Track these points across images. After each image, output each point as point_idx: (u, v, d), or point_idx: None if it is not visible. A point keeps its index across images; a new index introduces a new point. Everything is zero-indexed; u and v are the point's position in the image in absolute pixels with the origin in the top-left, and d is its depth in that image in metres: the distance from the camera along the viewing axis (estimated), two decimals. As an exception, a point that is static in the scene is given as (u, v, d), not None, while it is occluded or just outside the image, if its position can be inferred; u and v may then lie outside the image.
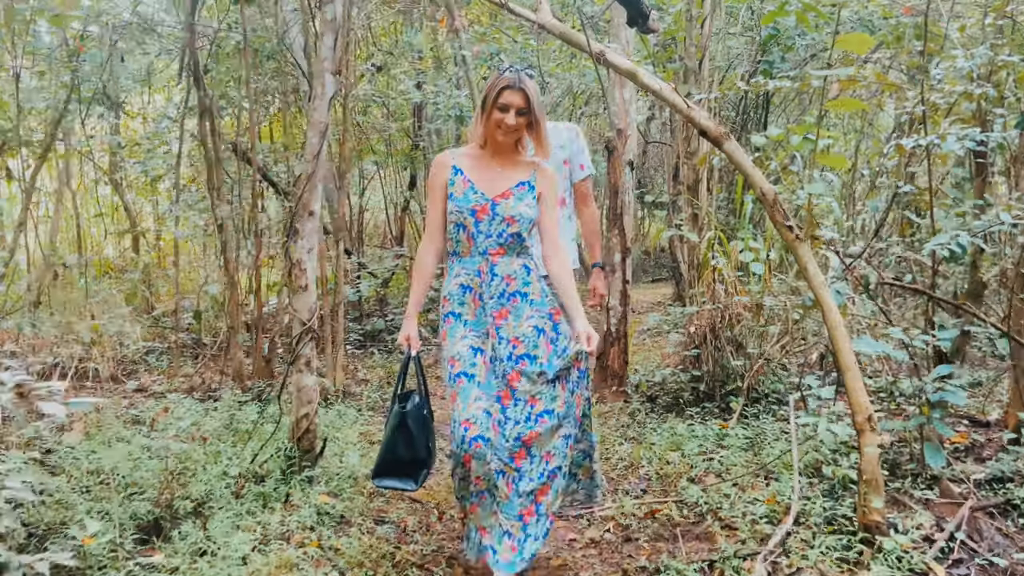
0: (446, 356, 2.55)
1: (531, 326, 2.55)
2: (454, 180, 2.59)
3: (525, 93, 2.47)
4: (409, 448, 2.50)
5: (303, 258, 3.39)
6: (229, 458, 3.39)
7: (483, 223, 2.55)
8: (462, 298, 2.58)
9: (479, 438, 2.38)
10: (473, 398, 2.44)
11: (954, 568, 2.50)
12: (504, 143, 2.57)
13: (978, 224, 3.38)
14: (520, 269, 2.59)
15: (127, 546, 2.59)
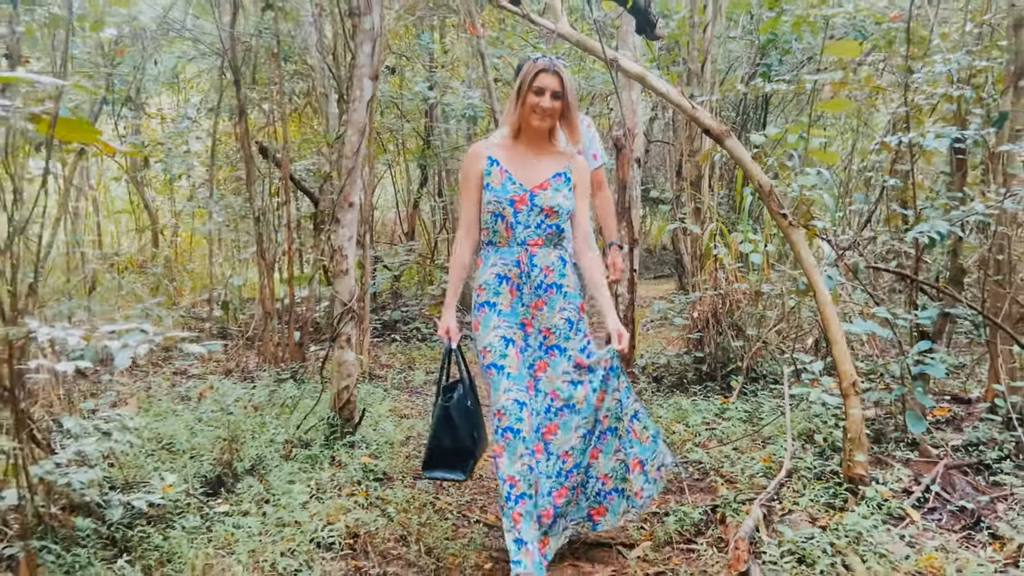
0: (479, 346, 2.57)
1: (563, 318, 2.57)
2: (490, 171, 2.58)
3: (560, 76, 2.49)
4: (454, 439, 2.51)
5: (344, 245, 3.74)
6: (274, 428, 3.74)
7: (521, 213, 2.54)
8: (498, 288, 2.56)
9: (508, 429, 2.39)
10: (503, 389, 2.44)
11: (928, 514, 2.84)
12: (538, 132, 2.57)
13: (956, 214, 3.73)
14: (557, 260, 2.59)
15: (198, 496, 2.94)
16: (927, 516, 2.83)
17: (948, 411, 4.11)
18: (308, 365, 5.10)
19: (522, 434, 2.39)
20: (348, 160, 3.74)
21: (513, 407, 2.41)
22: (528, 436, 2.41)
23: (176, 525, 2.65)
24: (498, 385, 2.45)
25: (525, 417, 2.41)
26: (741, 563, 2.33)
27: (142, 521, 2.65)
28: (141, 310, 6.11)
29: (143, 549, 2.50)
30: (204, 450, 3.44)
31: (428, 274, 8.68)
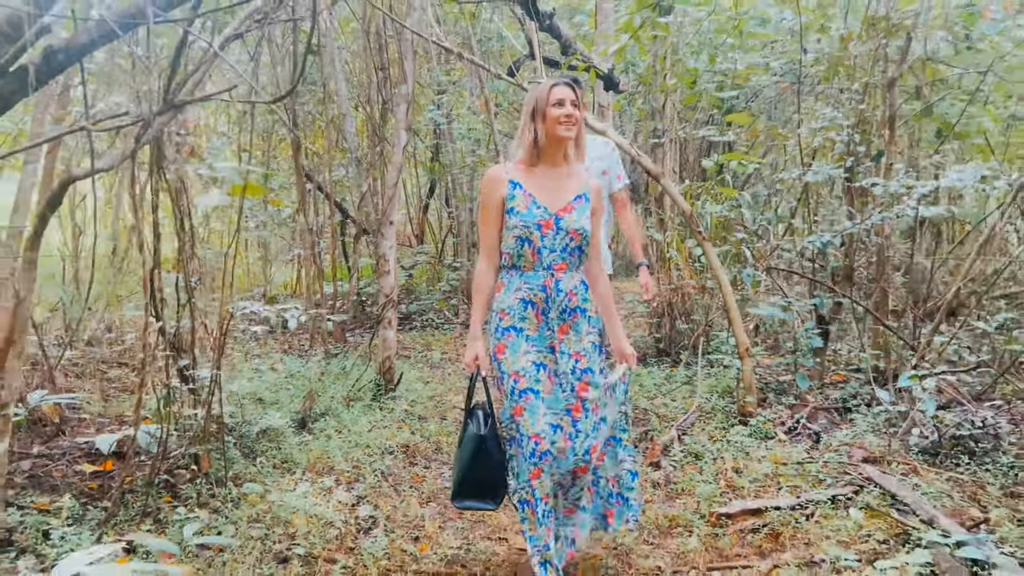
0: (507, 371, 2.53)
1: (590, 342, 2.59)
2: (514, 195, 2.56)
3: (573, 87, 2.55)
4: (490, 471, 2.52)
5: (386, 252, 5.09)
6: (334, 388, 5.07)
7: (548, 237, 2.54)
8: (523, 313, 2.55)
9: (547, 453, 2.43)
10: (541, 413, 2.46)
11: (793, 437, 4.17)
12: (559, 148, 2.58)
13: (838, 228, 5.08)
14: (579, 284, 2.62)
15: (294, 428, 4.28)
16: (791, 437, 4.17)
17: (843, 376, 5.46)
18: (349, 347, 6.44)
19: (557, 458, 2.46)
20: (389, 189, 5.08)
21: (549, 431, 2.45)
22: (563, 459, 2.47)
23: (285, 443, 3.99)
24: (535, 409, 2.46)
25: (560, 440, 2.46)
26: (654, 456, 3.67)
27: (263, 440, 3.99)
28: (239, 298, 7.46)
29: (268, 454, 3.84)
30: (284, 402, 4.78)
31: (437, 273, 10.03)
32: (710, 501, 3.21)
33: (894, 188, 4.71)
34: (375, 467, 3.73)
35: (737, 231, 5.31)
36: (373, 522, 3.11)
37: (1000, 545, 2.64)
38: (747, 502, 3.14)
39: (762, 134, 5.28)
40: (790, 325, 5.88)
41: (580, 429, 2.48)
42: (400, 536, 3.02)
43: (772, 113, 5.97)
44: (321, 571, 2.68)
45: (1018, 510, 3.01)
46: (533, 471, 2.43)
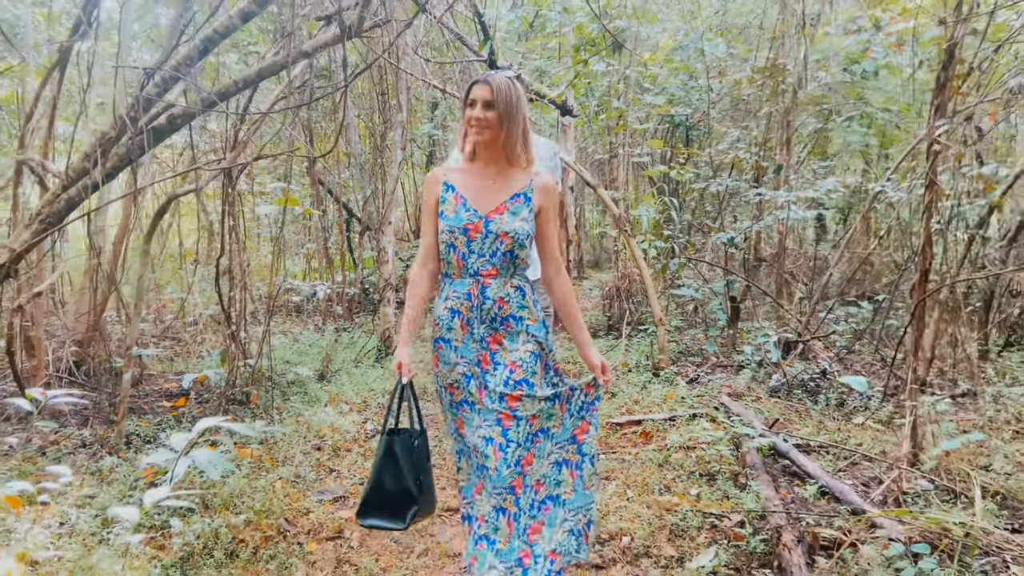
0: (443, 384, 2.45)
1: (528, 351, 2.39)
2: (445, 197, 2.40)
3: (490, 85, 2.32)
4: (396, 480, 2.31)
5: (386, 246, 6.45)
6: (344, 353, 6.44)
7: (475, 242, 2.36)
8: (450, 323, 2.39)
9: (483, 468, 2.33)
10: (476, 425, 2.36)
11: (691, 383, 5.54)
12: (488, 148, 2.38)
13: (745, 225, 6.45)
14: (514, 291, 2.41)
15: (315, 379, 5.64)
16: (688, 383, 5.53)
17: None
18: (354, 324, 7.80)
19: (489, 471, 2.32)
20: (388, 196, 6.45)
21: (483, 445, 2.33)
22: (494, 475, 2.32)
23: (310, 388, 5.36)
24: (472, 421, 2.38)
25: (491, 454, 2.32)
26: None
27: (293, 386, 5.36)
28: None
29: (298, 395, 5.20)
30: (307, 362, 6.15)
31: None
32: (607, 417, 4.59)
33: (781, 197, 6.09)
34: (378, 402, 5.10)
35: (667, 230, 6.68)
36: (375, 433, 4.49)
37: (790, 437, 4.02)
38: (632, 416, 4.53)
39: (684, 153, 6.65)
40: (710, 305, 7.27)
41: (511, 439, 2.32)
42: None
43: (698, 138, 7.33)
44: (343, 454, 4.06)
45: (817, 422, 4.40)
46: (477, 486, 2.38)
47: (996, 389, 4.75)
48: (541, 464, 2.40)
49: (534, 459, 2.38)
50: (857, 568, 2.71)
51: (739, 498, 3.27)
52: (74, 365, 5.22)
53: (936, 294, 4.78)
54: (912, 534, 2.87)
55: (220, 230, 4.50)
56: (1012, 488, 3.35)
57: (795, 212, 6.16)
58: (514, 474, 2.35)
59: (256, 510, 3.07)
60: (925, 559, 2.69)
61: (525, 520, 2.38)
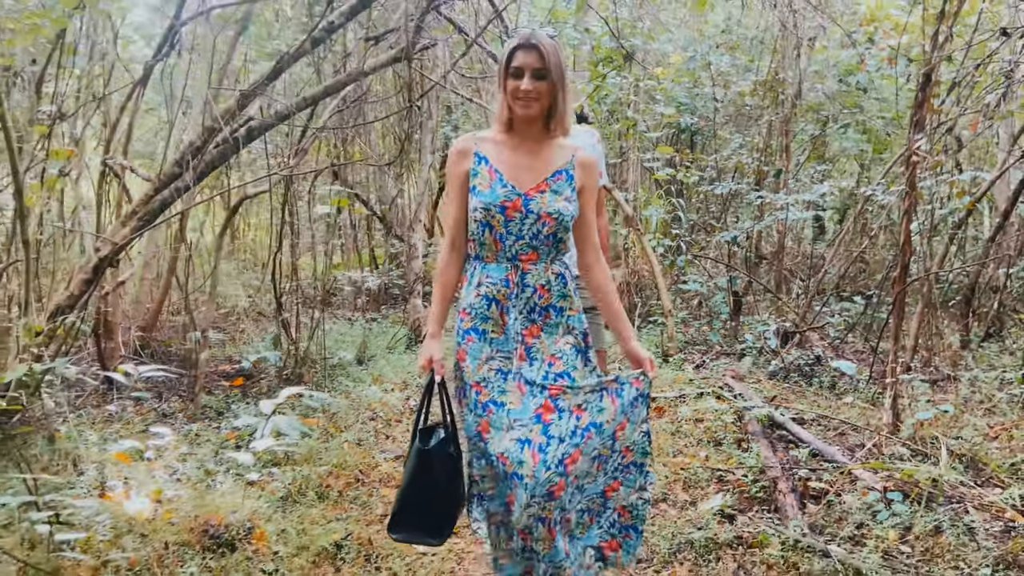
0: (469, 381, 2.21)
1: (568, 343, 2.22)
2: (477, 170, 2.18)
3: (540, 51, 2.07)
4: (433, 493, 2.16)
5: (416, 243, 7.01)
6: (377, 340, 6.99)
7: (514, 222, 2.14)
8: (486, 312, 2.19)
9: (515, 476, 2.09)
10: (506, 428, 2.14)
11: (697, 368, 6.08)
12: (530, 122, 2.16)
13: (746, 225, 7.00)
14: (555, 279, 2.21)
15: (354, 363, 6.20)
16: (697, 368, 6.07)
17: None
18: (381, 315, 8.36)
19: (525, 480, 2.08)
20: (418, 197, 7.00)
21: (514, 449, 2.11)
22: (530, 482, 2.07)
23: (352, 371, 5.91)
24: (500, 423, 2.14)
25: (527, 459, 2.09)
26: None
27: (336, 369, 5.92)
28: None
29: (343, 376, 5.76)
30: (344, 347, 6.70)
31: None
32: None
33: (781, 199, 6.64)
34: (417, 383, 5.66)
35: (674, 229, 7.23)
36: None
37: (786, 411, 4.58)
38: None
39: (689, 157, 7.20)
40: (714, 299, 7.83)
41: (552, 434, 2.10)
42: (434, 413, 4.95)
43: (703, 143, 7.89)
44: (393, 424, 4.61)
45: (811, 401, 4.96)
46: (508, 496, 2.12)
47: (973, 374, 5.29)
48: (590, 464, 2.16)
49: (581, 456, 2.11)
50: (841, 511, 3.26)
51: (742, 458, 3.82)
52: (139, 348, 5.78)
53: (920, 288, 5.34)
54: (888, 484, 3.42)
55: (279, 227, 5.06)
56: (978, 452, 3.90)
57: (793, 213, 6.71)
58: (555, 477, 2.08)
59: (334, 464, 3.62)
60: (897, 504, 3.24)
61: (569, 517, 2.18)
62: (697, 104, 7.21)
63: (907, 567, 2.70)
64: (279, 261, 5.35)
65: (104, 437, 3.76)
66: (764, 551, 2.81)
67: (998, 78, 5.32)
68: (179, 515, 2.93)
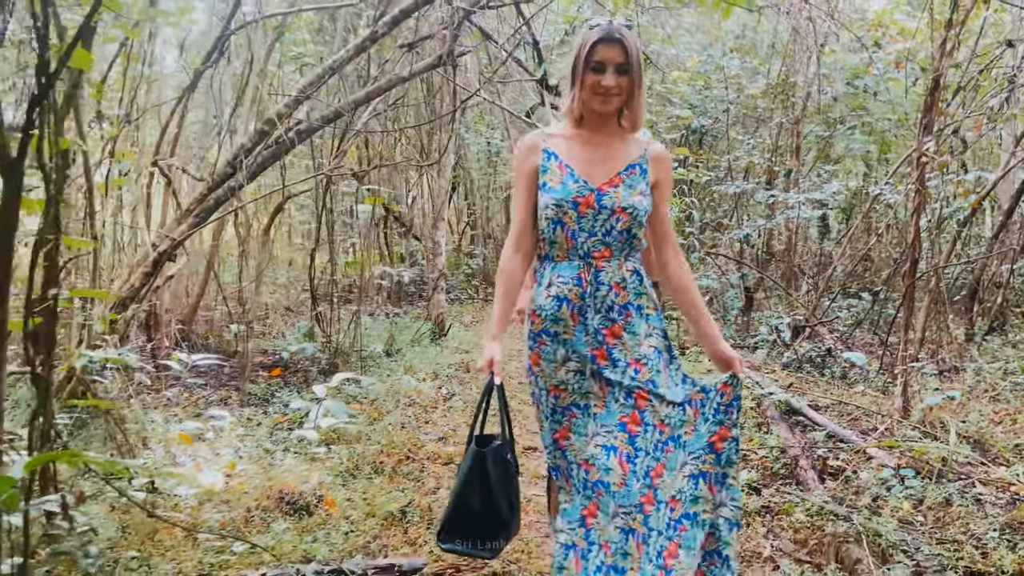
0: (544, 386, 2.11)
1: (651, 346, 2.12)
2: (547, 167, 2.10)
3: (623, 45, 2.00)
4: (487, 500, 2.04)
5: (439, 240, 7.27)
6: (402, 333, 7.26)
7: (586, 219, 2.06)
8: (556, 313, 2.09)
9: (600, 484, 1.99)
10: (591, 434, 2.04)
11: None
12: (605, 116, 2.08)
13: (758, 223, 7.27)
14: (631, 276, 2.10)
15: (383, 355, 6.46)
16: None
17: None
18: (402, 310, 8.62)
19: (612, 488, 2.00)
20: (439, 200, 7.26)
21: (601, 456, 2.02)
22: (620, 490, 2.00)
23: (382, 362, 6.18)
24: (583, 429, 2.06)
25: (615, 467, 2.01)
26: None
27: (368, 360, 6.19)
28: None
29: (374, 367, 6.02)
30: (369, 340, 6.97)
31: (457, 259, 12.22)
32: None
33: (792, 199, 6.90)
34: (446, 372, 5.93)
35: (687, 227, 7.50)
36: (451, 395, 5.31)
37: (802, 398, 4.83)
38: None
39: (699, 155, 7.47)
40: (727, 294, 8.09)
41: (638, 447, 2.02)
42: (467, 402, 5.22)
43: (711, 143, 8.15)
44: (430, 410, 4.87)
45: (824, 390, 5.22)
46: (588, 507, 2.00)
47: (978, 365, 5.56)
48: (674, 478, 2.05)
49: (664, 471, 2.04)
50: (857, 485, 3.52)
51: (763, 439, 4.08)
52: (180, 339, 6.04)
53: (927, 283, 5.60)
54: (901, 462, 3.68)
55: (317, 226, 5.32)
56: (983, 435, 4.16)
57: (804, 211, 6.98)
58: (644, 488, 2.01)
59: (383, 443, 3.88)
60: (910, 480, 3.50)
61: (659, 542, 2.00)
62: (708, 106, 7.48)
63: (922, 531, 2.96)
64: (314, 257, 5.62)
65: (166, 419, 4.03)
66: (790, 517, 3.07)
67: (1001, 83, 5.58)
68: (250, 486, 3.19)
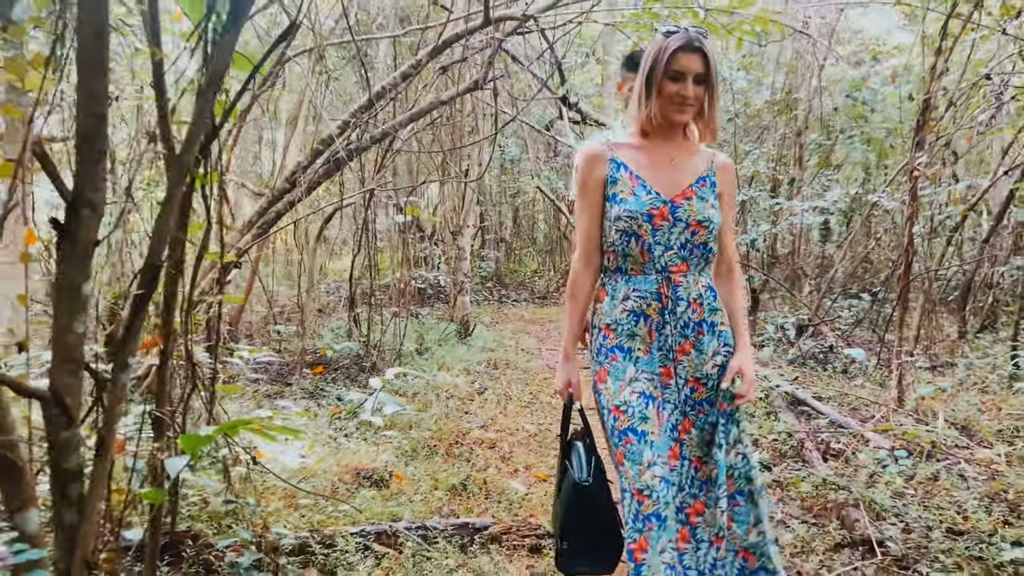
0: (607, 405, 2.04)
1: (716, 365, 2.04)
2: (616, 178, 2.03)
3: (704, 53, 1.96)
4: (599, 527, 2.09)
5: (464, 246, 7.74)
6: (429, 333, 7.72)
7: (661, 231, 2.00)
8: (633, 329, 2.04)
9: (654, 516, 1.92)
10: (647, 463, 1.95)
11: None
12: (673, 127, 2.05)
13: (763, 229, 7.74)
14: (706, 290, 2.05)
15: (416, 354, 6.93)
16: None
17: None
18: (431, 308, 9.09)
19: (667, 522, 1.93)
20: (466, 206, 7.73)
21: (661, 487, 1.94)
22: (672, 524, 1.94)
23: (415, 360, 6.64)
24: (639, 457, 1.96)
25: (672, 500, 1.96)
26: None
27: (403, 357, 6.66)
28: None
29: (410, 365, 6.49)
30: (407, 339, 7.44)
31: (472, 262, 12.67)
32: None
33: (797, 206, 7.37)
34: (475, 369, 6.40)
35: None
36: (484, 389, 5.78)
37: (806, 389, 5.30)
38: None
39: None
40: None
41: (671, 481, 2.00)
42: (499, 395, 5.68)
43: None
44: (467, 402, 5.34)
45: (827, 383, 5.69)
46: (638, 541, 1.92)
47: (969, 360, 6.02)
48: (715, 515, 1.99)
49: (705, 509, 2.00)
50: (856, 465, 3.98)
51: (773, 426, 4.55)
52: (230, 339, 6.52)
53: (922, 285, 6.08)
54: (895, 444, 4.15)
55: (359, 234, 5.79)
56: (970, 422, 4.62)
57: (807, 218, 7.44)
58: (678, 526, 1.98)
59: (433, 430, 4.36)
60: (902, 459, 3.96)
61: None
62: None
63: (912, 500, 3.42)
64: (355, 263, 6.09)
65: (240, 408, 4.50)
66: (798, 489, 3.54)
67: (989, 99, 6.06)
68: (325, 465, 3.66)
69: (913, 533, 3.06)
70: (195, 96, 1.94)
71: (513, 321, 9.66)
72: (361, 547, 2.73)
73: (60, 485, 1.85)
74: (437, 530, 2.84)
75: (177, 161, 1.88)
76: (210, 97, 1.85)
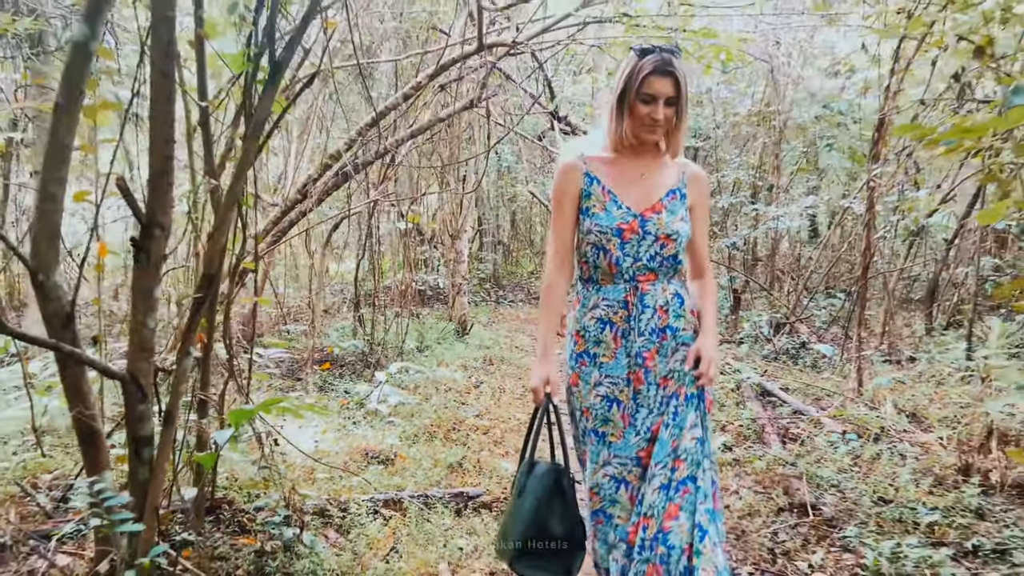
0: (579, 406, 2.16)
1: (678, 360, 2.12)
2: (590, 191, 2.11)
3: (676, 78, 2.02)
4: (565, 521, 2.01)
5: (462, 249, 8.22)
6: (429, 332, 8.21)
7: (630, 244, 2.07)
8: (599, 336, 2.12)
9: (600, 513, 2.05)
10: (602, 462, 2.08)
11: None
12: (647, 143, 2.11)
13: (744, 232, 8.22)
14: (673, 298, 2.12)
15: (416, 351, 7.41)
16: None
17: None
18: (432, 308, 9.57)
19: (614, 521, 2.02)
20: (464, 211, 8.21)
21: (610, 486, 2.03)
22: (623, 524, 2.01)
23: (416, 356, 7.12)
24: (596, 456, 2.09)
25: (623, 499, 2.02)
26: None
27: (405, 354, 7.14)
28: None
29: (411, 361, 6.97)
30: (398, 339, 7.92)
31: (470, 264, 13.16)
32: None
33: (772, 211, 7.85)
34: (473, 365, 6.88)
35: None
36: (480, 383, 6.26)
37: (775, 381, 5.77)
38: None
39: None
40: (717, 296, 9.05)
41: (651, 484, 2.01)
42: (494, 388, 6.16)
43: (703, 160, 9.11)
44: (464, 395, 5.83)
45: (796, 376, 6.17)
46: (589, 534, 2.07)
47: (931, 355, 6.50)
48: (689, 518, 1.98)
49: (680, 512, 1.98)
50: (811, 446, 4.46)
51: (739, 413, 5.03)
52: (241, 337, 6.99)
53: (885, 284, 6.56)
54: (846, 428, 4.63)
55: (363, 240, 6.28)
56: (918, 408, 5.10)
57: (783, 222, 7.92)
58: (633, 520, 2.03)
59: (432, 418, 4.84)
60: (852, 442, 4.44)
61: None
62: (701, 124, 8.44)
63: (854, 475, 3.90)
64: (359, 267, 6.57)
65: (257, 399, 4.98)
66: (752, 465, 4.02)
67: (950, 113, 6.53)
68: (337, 447, 4.14)
69: (847, 501, 3.54)
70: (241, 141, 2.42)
71: (509, 321, 10.15)
72: (371, 511, 3.21)
73: (135, 448, 2.33)
74: (436, 498, 3.33)
75: (229, 193, 2.36)
76: (255, 142, 2.33)
